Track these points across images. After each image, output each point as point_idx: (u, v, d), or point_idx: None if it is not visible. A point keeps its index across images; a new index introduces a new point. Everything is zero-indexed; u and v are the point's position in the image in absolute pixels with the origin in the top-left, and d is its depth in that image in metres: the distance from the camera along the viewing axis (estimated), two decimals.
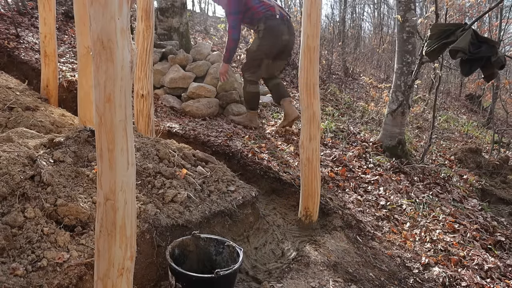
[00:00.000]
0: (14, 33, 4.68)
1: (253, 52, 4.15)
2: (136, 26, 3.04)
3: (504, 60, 3.01)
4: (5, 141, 2.12)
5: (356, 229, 2.91)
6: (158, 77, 4.59)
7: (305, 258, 2.39)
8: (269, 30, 4.03)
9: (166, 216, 2.09)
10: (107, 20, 1.18)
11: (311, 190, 2.76)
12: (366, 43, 14.37)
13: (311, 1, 2.47)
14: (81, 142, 2.30)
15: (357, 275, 2.38)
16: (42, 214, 1.76)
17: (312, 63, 2.57)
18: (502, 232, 3.46)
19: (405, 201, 3.59)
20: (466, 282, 2.60)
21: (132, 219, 1.37)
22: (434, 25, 3.34)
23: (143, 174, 2.31)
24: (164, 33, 5.28)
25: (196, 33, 7.90)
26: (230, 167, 3.02)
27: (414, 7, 4.57)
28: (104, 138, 1.26)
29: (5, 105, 3.05)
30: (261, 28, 4.06)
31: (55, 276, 1.56)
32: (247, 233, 2.58)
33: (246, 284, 2.23)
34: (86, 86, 2.80)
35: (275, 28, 4.06)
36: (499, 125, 8.47)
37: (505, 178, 5.21)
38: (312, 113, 2.65)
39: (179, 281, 1.77)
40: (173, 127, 3.73)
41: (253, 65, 4.18)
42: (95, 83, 1.23)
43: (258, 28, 4.08)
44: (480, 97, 11.00)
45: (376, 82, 8.67)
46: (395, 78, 4.72)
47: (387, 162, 4.36)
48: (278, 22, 4.07)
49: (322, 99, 6.05)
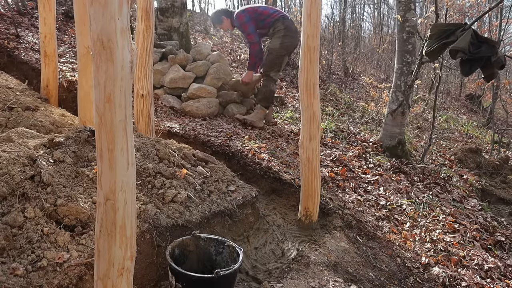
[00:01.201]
0: (14, 33, 4.68)
1: (277, 49, 4.29)
2: (136, 26, 3.04)
3: (504, 60, 3.01)
4: (5, 141, 2.12)
5: (356, 229, 2.91)
6: (158, 77, 4.59)
7: (305, 258, 2.39)
8: (289, 29, 4.27)
9: (166, 216, 2.09)
10: (107, 20, 1.17)
11: (311, 190, 2.76)
12: (366, 43, 14.37)
13: (311, 1, 2.47)
14: (81, 142, 2.30)
15: (357, 275, 2.38)
16: (42, 214, 1.76)
17: (312, 63, 2.57)
18: (502, 232, 3.46)
19: (405, 201, 3.59)
20: (466, 282, 2.60)
21: (132, 219, 1.37)
22: (434, 25, 3.34)
23: (143, 174, 2.31)
24: (164, 33, 5.28)
25: (196, 33, 7.90)
26: (230, 167, 3.02)
27: (414, 7, 4.57)
28: (104, 138, 1.26)
29: (5, 105, 3.05)
30: (281, 28, 4.28)
31: (55, 276, 1.56)
32: (247, 233, 2.58)
33: (246, 284, 2.23)
34: (86, 86, 2.80)
35: (293, 27, 4.34)
36: (499, 125, 8.47)
37: (505, 178, 5.21)
38: (312, 113, 2.65)
39: (179, 281, 1.77)
40: (173, 127, 3.73)
41: (277, 63, 4.34)
42: (95, 83, 1.23)
43: (277, 28, 4.29)
44: (480, 97, 11.00)
45: (376, 82, 8.67)
46: (395, 78, 4.72)
47: (387, 162, 4.36)
48: (292, 22, 4.40)
49: (322, 99, 6.05)
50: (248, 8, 4.47)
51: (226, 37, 8.58)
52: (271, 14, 4.38)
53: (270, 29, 4.38)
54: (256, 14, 4.37)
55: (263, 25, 4.40)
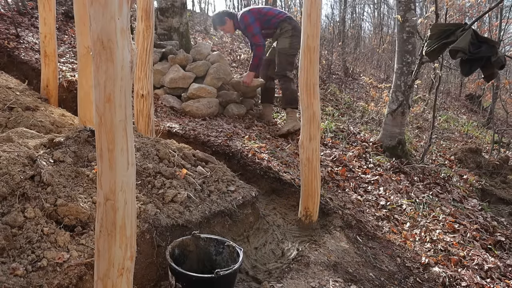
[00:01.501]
0: (14, 33, 4.68)
1: (288, 49, 4.29)
2: (136, 26, 3.04)
3: (504, 60, 3.01)
4: (5, 141, 2.12)
5: (356, 229, 2.91)
6: (158, 77, 4.59)
7: (305, 258, 2.39)
8: (296, 29, 4.25)
9: (166, 216, 2.09)
10: (107, 20, 1.17)
11: (311, 190, 2.76)
12: (366, 43, 14.37)
13: (311, 1, 2.47)
14: (81, 142, 2.30)
15: (357, 275, 2.38)
16: (42, 214, 1.76)
17: (312, 63, 2.57)
18: (502, 232, 3.46)
19: (405, 201, 3.59)
20: (466, 282, 2.60)
21: (132, 219, 1.37)
22: (434, 25, 3.34)
23: (143, 174, 2.31)
24: (164, 33, 5.28)
25: (196, 33, 7.90)
26: (230, 167, 3.02)
27: (414, 7, 4.57)
28: (104, 138, 1.26)
29: (5, 105, 3.05)
30: (288, 28, 4.27)
31: (55, 276, 1.56)
32: (247, 233, 2.58)
33: (246, 284, 2.23)
34: (86, 86, 2.80)
35: (299, 27, 4.30)
36: (499, 125, 8.47)
37: (505, 178, 5.21)
38: (312, 113, 2.65)
39: (179, 281, 1.77)
40: (173, 127, 3.73)
41: (290, 62, 4.36)
42: (95, 83, 1.23)
43: (284, 28, 4.27)
44: (480, 97, 11.01)
45: (376, 82, 8.67)
46: (395, 78, 4.72)
47: (387, 162, 4.36)
48: (297, 22, 4.39)
49: (322, 99, 6.05)
50: (252, 9, 4.43)
51: (226, 37, 8.58)
52: (277, 14, 4.35)
53: (276, 30, 4.34)
54: (260, 15, 4.33)
55: (268, 26, 4.36)
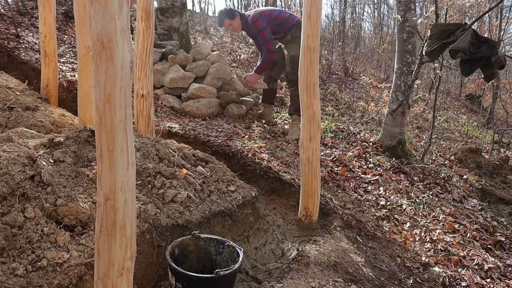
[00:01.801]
0: (14, 33, 4.68)
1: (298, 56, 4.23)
2: (136, 26, 3.04)
3: (504, 60, 3.01)
4: (5, 141, 2.12)
5: (356, 229, 2.91)
6: (158, 77, 4.59)
7: (305, 258, 2.39)
8: None
9: (166, 216, 2.09)
10: (107, 20, 1.17)
11: (311, 190, 2.76)
12: (366, 43, 14.37)
13: (311, 1, 2.47)
14: (81, 142, 2.30)
15: (357, 275, 2.38)
16: (42, 214, 1.76)
17: (312, 63, 2.57)
18: (502, 232, 3.46)
19: (405, 201, 3.59)
20: (466, 282, 2.60)
21: (132, 219, 1.37)
22: (434, 25, 3.34)
23: (143, 174, 2.31)
24: (164, 33, 5.28)
25: (196, 33, 7.90)
26: (230, 167, 3.02)
27: (414, 7, 4.57)
28: (104, 138, 1.26)
29: (5, 105, 3.05)
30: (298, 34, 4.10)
31: (55, 276, 1.56)
32: (247, 233, 2.58)
33: (246, 284, 2.23)
34: (86, 86, 2.80)
35: None
36: (499, 125, 8.47)
37: (505, 178, 5.21)
38: (312, 113, 2.65)
39: (179, 281, 1.77)
40: (173, 127, 3.73)
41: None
42: (95, 83, 1.23)
43: (294, 34, 4.05)
44: (480, 97, 11.00)
45: (376, 82, 8.67)
46: (395, 78, 4.72)
47: (387, 162, 4.36)
48: None
49: (322, 99, 6.05)
50: (263, 13, 4.22)
51: (226, 37, 8.57)
52: (288, 18, 4.18)
53: (287, 35, 4.18)
54: (271, 18, 4.15)
55: (279, 30, 4.19)
